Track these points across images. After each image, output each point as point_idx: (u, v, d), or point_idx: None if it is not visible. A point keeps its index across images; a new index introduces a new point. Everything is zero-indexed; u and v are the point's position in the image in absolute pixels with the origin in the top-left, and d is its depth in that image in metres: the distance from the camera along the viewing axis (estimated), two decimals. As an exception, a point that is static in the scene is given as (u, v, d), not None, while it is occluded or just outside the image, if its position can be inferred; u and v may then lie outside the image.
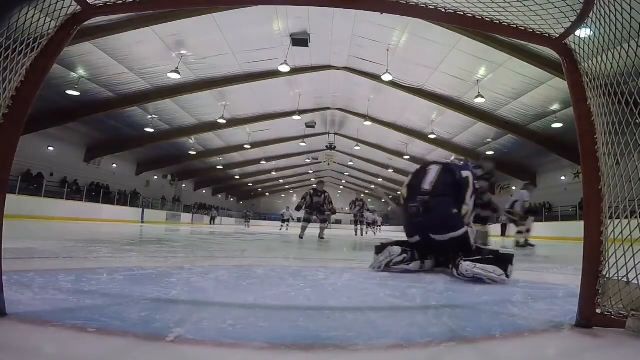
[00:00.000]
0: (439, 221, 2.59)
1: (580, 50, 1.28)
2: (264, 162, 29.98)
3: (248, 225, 28.95)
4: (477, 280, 2.13)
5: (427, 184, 2.73)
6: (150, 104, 16.55)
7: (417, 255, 2.57)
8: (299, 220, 10.23)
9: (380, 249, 2.66)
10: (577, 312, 1.15)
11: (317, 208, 8.63)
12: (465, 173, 2.78)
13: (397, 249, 2.54)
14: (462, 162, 3.11)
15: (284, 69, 13.22)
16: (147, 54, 12.74)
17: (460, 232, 2.55)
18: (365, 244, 7.32)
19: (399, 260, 2.51)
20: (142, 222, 20.68)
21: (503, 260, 2.24)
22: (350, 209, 12.61)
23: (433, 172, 2.80)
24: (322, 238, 8.12)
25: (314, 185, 9.24)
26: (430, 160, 3.21)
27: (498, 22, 1.32)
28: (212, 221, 29.27)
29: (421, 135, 20.65)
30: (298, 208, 8.85)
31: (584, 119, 1.22)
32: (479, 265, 2.17)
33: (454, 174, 2.77)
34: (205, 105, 17.75)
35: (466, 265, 2.19)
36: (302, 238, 7.98)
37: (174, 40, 12.19)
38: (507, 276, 2.17)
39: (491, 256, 2.30)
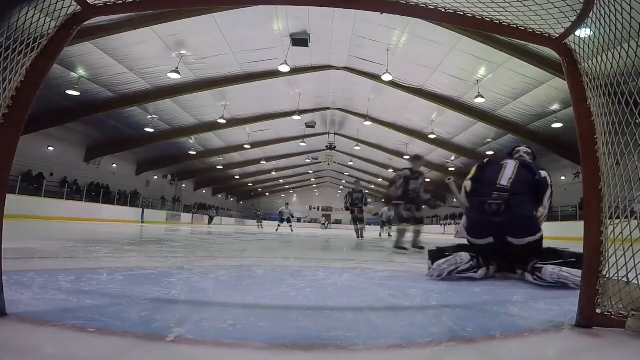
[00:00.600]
0: (519, 223, 2.32)
1: (580, 50, 1.28)
2: (264, 162, 29.98)
3: (261, 225, 25.99)
4: (560, 285, 1.97)
5: (504, 180, 2.46)
6: (150, 104, 16.54)
7: (482, 261, 2.31)
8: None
9: (436, 254, 2.37)
10: (577, 312, 1.15)
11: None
12: (544, 173, 2.59)
13: (466, 256, 2.27)
14: (530, 152, 2.99)
15: (284, 69, 13.22)
16: (147, 54, 12.73)
17: (538, 236, 2.33)
18: (368, 244, 7.31)
19: (465, 268, 2.25)
20: (142, 222, 20.68)
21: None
22: (346, 202, 10.07)
23: (510, 168, 2.56)
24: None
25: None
26: (491, 154, 3.02)
27: (498, 22, 1.32)
28: (210, 221, 28.02)
29: (421, 135, 20.64)
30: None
31: (584, 119, 1.22)
32: (564, 269, 2.00)
33: (533, 173, 2.56)
34: (205, 105, 17.75)
35: (550, 269, 2.02)
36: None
37: (174, 40, 12.19)
38: None
39: (574, 259, 2.06)
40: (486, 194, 2.42)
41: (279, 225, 16.98)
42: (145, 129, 19.24)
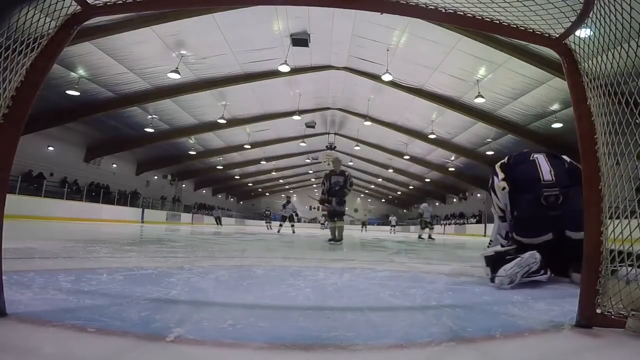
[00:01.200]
0: (577, 215, 2.17)
1: (580, 50, 1.28)
2: (264, 162, 30.00)
3: (270, 226, 22.56)
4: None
5: (547, 175, 2.29)
6: (150, 104, 16.56)
7: (542, 263, 2.09)
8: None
9: (497, 260, 2.10)
10: (577, 312, 1.15)
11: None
12: (568, 158, 2.44)
13: (536, 255, 2.06)
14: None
15: (284, 69, 13.23)
16: (147, 54, 12.75)
17: None
18: (368, 244, 7.30)
19: (535, 269, 2.04)
20: (142, 222, 20.68)
21: None
22: (323, 191, 6.90)
23: (543, 161, 2.40)
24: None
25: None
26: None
27: (498, 22, 1.32)
28: (217, 221, 26.20)
29: (421, 135, 20.66)
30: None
31: (584, 119, 1.22)
32: None
33: (562, 162, 2.42)
34: (205, 105, 17.77)
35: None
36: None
37: (174, 40, 12.20)
38: None
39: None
40: (534, 191, 2.27)
41: (280, 225, 14.44)
42: (145, 129, 19.25)
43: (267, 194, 48.75)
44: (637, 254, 1.08)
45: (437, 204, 35.63)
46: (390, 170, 30.39)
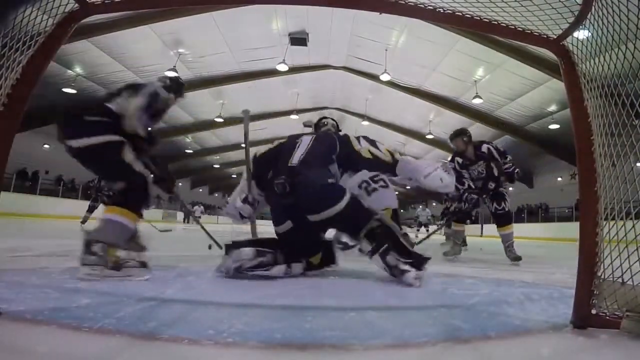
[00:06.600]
0: (311, 198, 2.06)
1: (578, 52, 1.28)
2: (262, 161, 29.90)
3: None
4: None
5: (296, 158, 2.22)
6: (147, 102, 16.48)
7: (281, 258, 2.05)
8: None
9: (231, 248, 2.08)
10: (573, 312, 1.15)
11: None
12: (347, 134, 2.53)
13: (250, 252, 2.00)
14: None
15: (282, 68, 13.21)
16: (145, 52, 12.68)
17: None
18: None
19: (252, 265, 1.98)
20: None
21: None
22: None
23: (305, 143, 2.35)
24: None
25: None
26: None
27: (496, 23, 1.33)
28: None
29: (419, 136, 20.68)
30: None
31: (581, 120, 1.22)
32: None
33: (330, 140, 2.43)
34: (202, 104, 17.70)
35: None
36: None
37: (172, 38, 12.14)
38: None
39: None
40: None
41: None
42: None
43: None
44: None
45: (434, 204, 35.67)
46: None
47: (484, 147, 3.96)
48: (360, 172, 2.35)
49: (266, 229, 2.84)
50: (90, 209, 8.70)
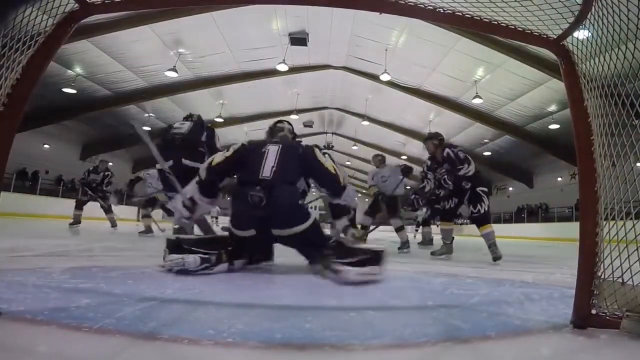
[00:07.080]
0: (283, 213, 2.16)
1: (578, 52, 1.28)
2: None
3: None
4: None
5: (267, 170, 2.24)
6: (147, 102, 16.48)
7: (225, 257, 2.09)
8: None
9: (175, 246, 2.10)
10: (573, 312, 1.15)
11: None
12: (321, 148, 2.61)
13: (193, 259, 1.98)
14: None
15: (282, 68, 13.19)
16: (145, 52, 12.67)
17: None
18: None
19: (195, 268, 1.99)
20: (138, 220, 20.57)
21: None
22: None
23: (273, 154, 2.34)
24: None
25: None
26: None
27: (496, 23, 1.33)
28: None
29: (419, 136, 20.63)
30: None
31: (581, 120, 1.22)
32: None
33: (297, 152, 2.45)
34: (202, 104, 17.66)
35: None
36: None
37: (172, 38, 12.14)
38: None
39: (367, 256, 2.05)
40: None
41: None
42: (143, 127, 19.16)
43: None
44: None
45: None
46: (389, 170, 30.35)
47: (445, 152, 4.21)
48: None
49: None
50: (79, 204, 8.46)
